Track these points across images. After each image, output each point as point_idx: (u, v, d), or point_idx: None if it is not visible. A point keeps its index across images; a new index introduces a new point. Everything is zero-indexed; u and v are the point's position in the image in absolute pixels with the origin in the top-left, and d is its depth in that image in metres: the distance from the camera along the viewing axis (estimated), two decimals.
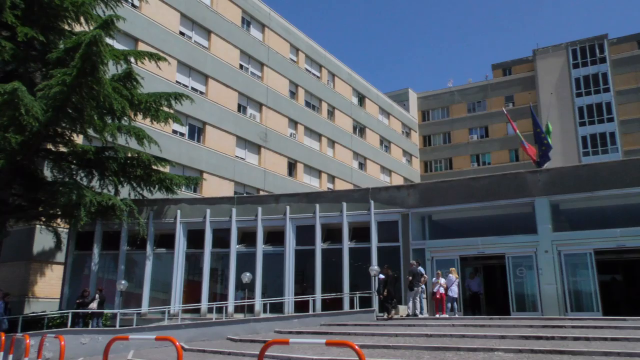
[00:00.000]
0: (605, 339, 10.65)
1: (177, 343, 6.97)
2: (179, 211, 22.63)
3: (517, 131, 25.03)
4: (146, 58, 21.49)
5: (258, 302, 21.04)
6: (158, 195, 22.65)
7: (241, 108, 31.70)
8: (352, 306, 19.44)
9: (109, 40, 18.47)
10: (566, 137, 45.25)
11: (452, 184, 21.17)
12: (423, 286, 18.00)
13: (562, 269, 17.86)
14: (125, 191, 21.86)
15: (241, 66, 32.06)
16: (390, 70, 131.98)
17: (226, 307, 20.62)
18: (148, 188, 21.85)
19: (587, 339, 10.69)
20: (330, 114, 39.20)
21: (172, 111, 23.22)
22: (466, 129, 51.52)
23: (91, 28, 19.05)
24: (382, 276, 17.93)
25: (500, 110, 41.07)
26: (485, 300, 21.65)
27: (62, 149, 20.29)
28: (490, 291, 21.98)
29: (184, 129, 27.71)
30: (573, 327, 12.49)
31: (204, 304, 21.37)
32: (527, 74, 49.99)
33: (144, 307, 21.28)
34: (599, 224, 18.21)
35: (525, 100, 46.18)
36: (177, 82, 27.64)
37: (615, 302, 19.73)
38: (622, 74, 45.45)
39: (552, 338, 11.04)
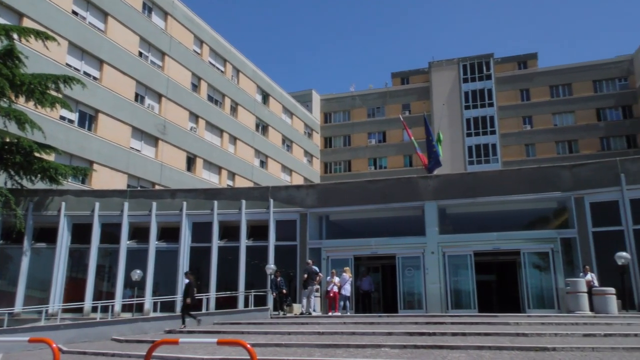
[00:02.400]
0: (479, 333, 11.57)
1: (54, 345, 6.46)
2: (63, 203, 21.07)
3: (412, 138, 26.39)
4: (32, 36, 19.76)
5: (148, 300, 20.20)
6: (40, 185, 20.90)
7: (139, 97, 30.19)
8: (247, 305, 19.34)
9: None
10: (455, 146, 48.55)
11: (350, 186, 21.83)
12: (318, 285, 18.35)
13: (446, 269, 19.15)
14: (1, 179, 19.92)
15: (140, 54, 30.53)
16: (295, 70, 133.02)
17: (112, 306, 19.54)
18: (28, 177, 20.10)
19: (464, 334, 11.55)
20: (233, 109, 38.67)
21: (60, 95, 21.53)
22: (365, 133, 53.38)
23: None
24: (274, 276, 17.97)
25: (397, 117, 43.07)
26: (381, 299, 22.62)
27: None
28: (385, 290, 22.98)
29: (74, 116, 25.77)
30: (452, 323, 13.41)
31: (88, 303, 20.11)
32: (423, 85, 52.92)
33: (18, 307, 19.53)
34: (478, 228, 19.76)
35: (420, 109, 48.83)
36: (67, 64, 25.65)
37: (490, 300, 21.56)
38: (505, 91, 49.73)
39: (434, 334, 11.79)
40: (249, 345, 5.22)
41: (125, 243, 21.12)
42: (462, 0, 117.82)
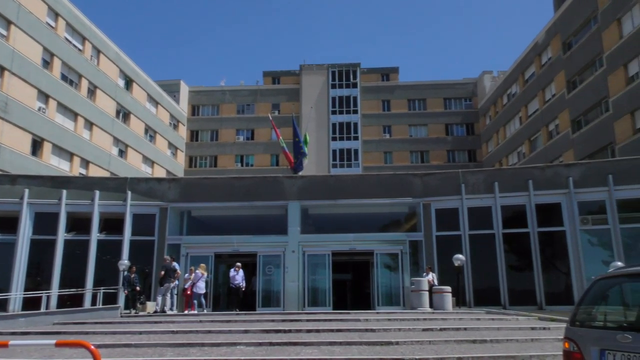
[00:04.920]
0: (332, 330, 12.09)
1: None
2: None
3: (280, 138, 26.72)
4: None
5: None
6: None
7: None
8: (95, 303, 17.98)
9: None
10: (320, 149, 50.20)
11: (215, 182, 21.44)
12: (176, 282, 17.70)
13: (305, 268, 19.71)
14: None
15: None
16: (163, 58, 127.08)
17: None
18: None
19: (318, 331, 11.97)
20: (91, 92, 35.68)
21: None
22: (234, 129, 52.78)
23: None
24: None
25: (266, 116, 43.31)
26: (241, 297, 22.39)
27: None
28: (245, 288, 22.86)
29: None
30: (308, 320, 13.81)
31: None
32: (293, 86, 53.87)
33: None
34: (337, 229, 20.67)
35: (289, 110, 49.64)
36: None
37: (345, 298, 22.65)
38: (368, 100, 52.66)
39: (290, 331, 12.04)
40: (92, 347, 4.84)
41: None
42: (335, 10, 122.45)
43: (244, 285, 19.08)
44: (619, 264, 15.24)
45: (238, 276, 18.44)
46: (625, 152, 26.72)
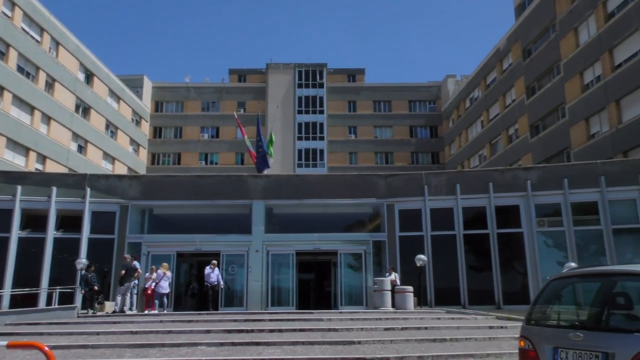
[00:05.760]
0: (295, 330, 12.08)
1: None
2: None
3: (246, 136, 26.49)
4: None
5: None
6: None
7: None
8: (51, 303, 17.41)
9: None
10: (286, 148, 50.08)
11: (178, 180, 21.12)
12: (136, 281, 17.33)
13: (269, 268, 19.63)
14: None
15: None
16: (126, 52, 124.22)
17: None
18: None
19: (280, 330, 11.94)
20: (49, 86, 34.51)
21: None
22: (198, 127, 52.06)
23: None
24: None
25: (232, 114, 42.89)
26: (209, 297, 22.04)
27: None
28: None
29: None
30: (271, 320, 13.77)
31: None
32: (259, 85, 53.55)
33: None
34: (302, 228, 20.67)
35: (255, 109, 49.26)
36: None
37: (309, 298, 22.67)
38: (334, 101, 52.87)
39: (252, 331, 11.96)
40: (46, 348, 4.68)
41: None
42: (302, 9, 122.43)
43: (222, 283, 18.78)
44: (573, 264, 15.84)
45: (213, 274, 18.14)
46: (580, 157, 27.75)
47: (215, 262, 18.27)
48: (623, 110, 25.49)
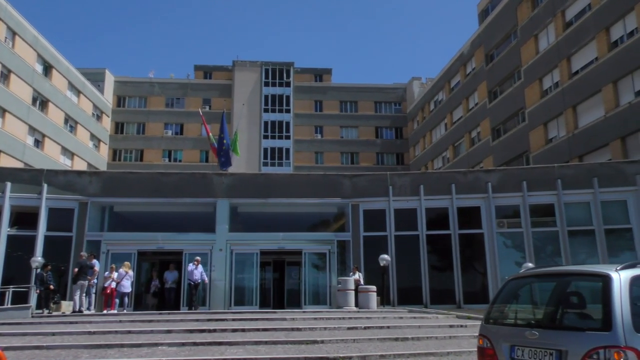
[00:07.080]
0: (258, 329, 12.03)
1: None
2: None
3: (210, 134, 26.15)
4: None
5: None
6: None
7: None
8: (3, 302, 16.76)
9: None
10: (251, 147, 49.72)
11: (140, 177, 20.69)
12: (95, 280, 16.88)
13: (232, 267, 19.46)
14: None
15: None
16: (87, 45, 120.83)
17: None
18: None
19: (243, 330, 11.86)
20: (5, 77, 33.20)
21: None
22: (162, 123, 51.10)
23: None
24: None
25: (197, 111, 42.29)
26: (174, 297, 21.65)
27: None
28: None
29: None
30: (234, 319, 13.65)
31: None
32: (225, 82, 52.96)
33: None
34: (267, 227, 20.58)
35: (221, 106, 48.74)
36: None
37: (272, 297, 22.57)
38: (301, 100, 52.84)
39: (215, 331, 11.84)
40: None
41: None
42: (269, 7, 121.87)
43: (207, 280, 18.42)
44: (530, 265, 16.33)
45: (197, 271, 17.84)
46: (538, 160, 28.64)
47: (199, 258, 18.12)
48: (579, 116, 26.44)
